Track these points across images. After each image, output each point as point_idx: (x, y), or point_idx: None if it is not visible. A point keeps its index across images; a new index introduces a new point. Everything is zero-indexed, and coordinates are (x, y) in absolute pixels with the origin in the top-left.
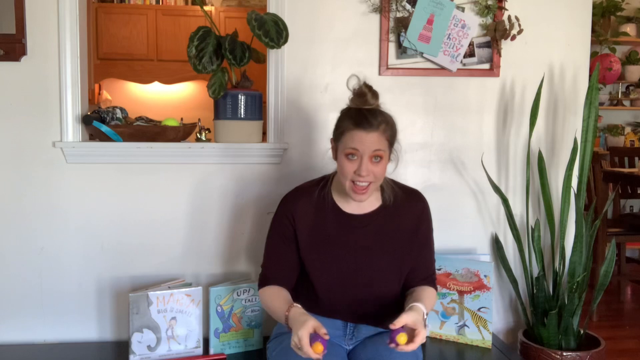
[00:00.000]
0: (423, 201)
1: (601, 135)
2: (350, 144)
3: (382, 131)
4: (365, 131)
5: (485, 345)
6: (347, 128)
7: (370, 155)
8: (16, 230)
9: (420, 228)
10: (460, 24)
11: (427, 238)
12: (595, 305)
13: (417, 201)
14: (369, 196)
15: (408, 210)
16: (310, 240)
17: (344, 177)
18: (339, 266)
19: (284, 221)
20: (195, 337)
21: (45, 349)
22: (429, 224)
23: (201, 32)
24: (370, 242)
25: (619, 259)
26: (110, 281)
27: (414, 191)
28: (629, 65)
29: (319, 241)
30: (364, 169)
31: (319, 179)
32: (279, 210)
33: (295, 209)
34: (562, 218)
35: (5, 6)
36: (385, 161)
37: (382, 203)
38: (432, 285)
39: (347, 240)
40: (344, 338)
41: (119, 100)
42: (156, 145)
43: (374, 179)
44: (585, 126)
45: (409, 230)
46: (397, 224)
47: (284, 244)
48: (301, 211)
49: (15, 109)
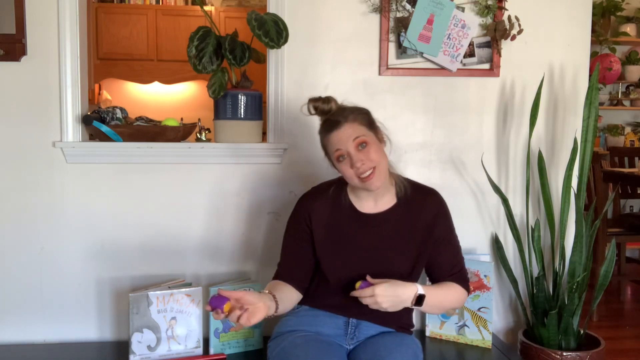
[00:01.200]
0: (439, 198)
1: (601, 135)
2: (332, 148)
3: (352, 120)
4: (336, 130)
5: (485, 345)
6: (323, 138)
7: (354, 146)
8: (16, 230)
9: (437, 225)
10: (460, 24)
11: (447, 235)
12: (595, 305)
13: (433, 198)
14: (381, 180)
15: (423, 208)
16: (326, 240)
17: (350, 179)
18: (354, 265)
19: (300, 221)
20: (195, 337)
21: (45, 349)
22: (447, 221)
23: (201, 32)
24: (385, 241)
25: (619, 259)
26: (110, 281)
27: (429, 189)
28: (629, 65)
29: (335, 241)
30: (356, 159)
31: (335, 180)
32: (296, 209)
33: (312, 208)
34: (562, 218)
35: (5, 6)
36: (374, 144)
37: (397, 201)
38: (458, 282)
39: (363, 239)
40: (345, 338)
41: (119, 100)
42: (156, 145)
43: (373, 162)
44: (585, 126)
45: (424, 228)
46: (413, 221)
47: (298, 243)
48: (317, 211)
49: (15, 109)
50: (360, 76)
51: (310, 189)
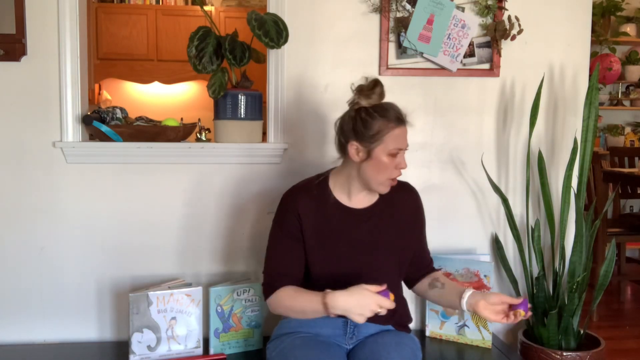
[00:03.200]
0: (416, 192)
1: (601, 135)
2: (395, 143)
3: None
4: (403, 126)
5: (485, 345)
6: (387, 127)
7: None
8: (16, 230)
9: (418, 219)
10: (460, 24)
11: (423, 228)
12: (595, 305)
13: (411, 193)
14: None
15: (404, 202)
16: (315, 237)
17: (384, 174)
18: (342, 261)
19: (290, 218)
20: (195, 337)
21: (45, 349)
22: (423, 214)
23: (201, 32)
24: (373, 236)
25: (619, 259)
26: (110, 281)
27: (405, 184)
28: (629, 65)
29: (325, 237)
30: (405, 162)
31: (315, 177)
32: (282, 209)
33: (299, 206)
34: (562, 218)
35: (5, 6)
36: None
37: (378, 196)
38: (436, 269)
39: (352, 234)
40: (344, 337)
41: (119, 100)
42: (156, 145)
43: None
44: (585, 126)
45: (408, 222)
46: (395, 216)
47: (292, 241)
48: (304, 208)
49: (15, 109)
50: (360, 76)
51: (290, 187)
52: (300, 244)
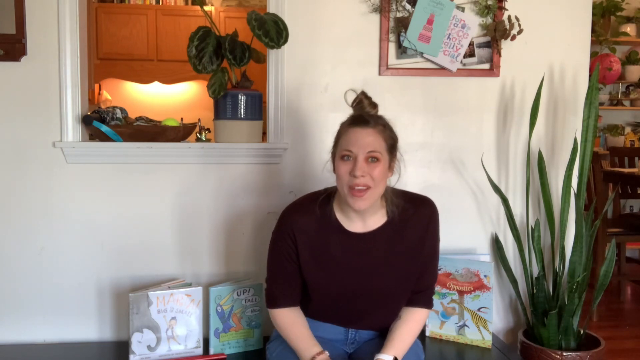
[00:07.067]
0: (431, 209)
1: (601, 135)
2: (346, 145)
3: (379, 131)
4: (360, 127)
5: (485, 345)
6: (343, 128)
7: (366, 155)
8: (16, 230)
9: (427, 238)
10: (460, 24)
11: (433, 250)
12: (595, 305)
13: (424, 208)
14: (369, 204)
15: (415, 220)
16: (312, 261)
17: (341, 183)
18: (342, 287)
19: (285, 238)
20: (195, 337)
21: (45, 349)
22: (437, 232)
23: (201, 32)
24: (375, 263)
25: (619, 259)
26: (110, 281)
27: (422, 199)
28: (629, 65)
29: (322, 262)
30: (358, 167)
31: (319, 193)
32: (279, 226)
33: (296, 226)
34: (562, 218)
35: (5, 6)
36: (383, 165)
37: (387, 219)
38: (422, 300)
39: (352, 262)
40: (346, 342)
41: (119, 100)
42: (156, 145)
43: (372, 182)
44: (585, 126)
45: (415, 242)
46: (404, 238)
47: (287, 261)
48: (302, 229)
49: (15, 109)
50: (360, 76)
51: (292, 202)
52: (294, 265)
